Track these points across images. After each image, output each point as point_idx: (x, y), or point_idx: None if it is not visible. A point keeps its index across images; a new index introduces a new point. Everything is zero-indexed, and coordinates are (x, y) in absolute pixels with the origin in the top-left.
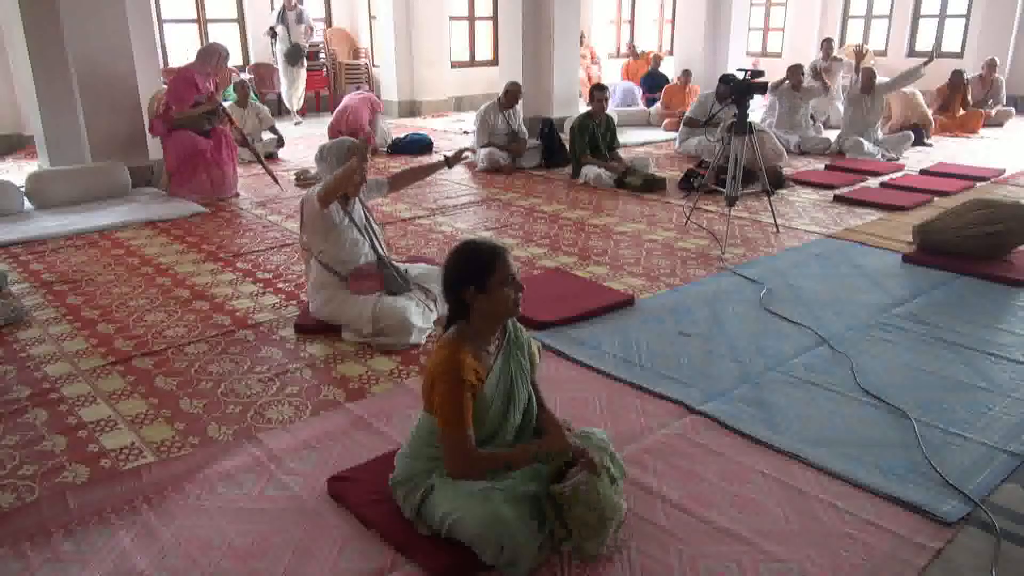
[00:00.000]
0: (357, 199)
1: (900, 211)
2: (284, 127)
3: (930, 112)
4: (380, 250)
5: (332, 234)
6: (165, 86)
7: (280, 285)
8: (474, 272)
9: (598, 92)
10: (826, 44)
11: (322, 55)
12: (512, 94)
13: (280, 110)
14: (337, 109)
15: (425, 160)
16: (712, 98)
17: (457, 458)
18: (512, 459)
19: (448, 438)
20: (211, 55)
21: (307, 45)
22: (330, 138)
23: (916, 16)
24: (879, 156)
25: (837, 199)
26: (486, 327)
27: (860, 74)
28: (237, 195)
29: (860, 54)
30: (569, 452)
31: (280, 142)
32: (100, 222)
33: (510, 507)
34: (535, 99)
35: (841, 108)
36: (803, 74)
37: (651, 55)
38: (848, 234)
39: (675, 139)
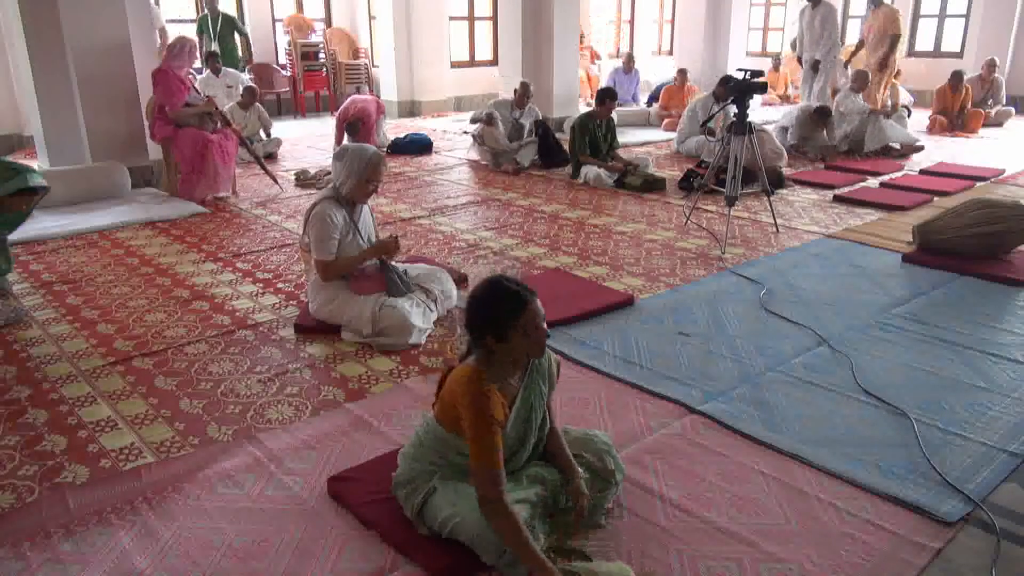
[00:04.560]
0: (365, 205)
1: (900, 211)
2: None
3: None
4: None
5: (338, 245)
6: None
7: (280, 285)
8: (495, 323)
9: (609, 100)
10: None
11: (322, 55)
12: (519, 94)
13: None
14: (344, 104)
15: (425, 159)
16: (711, 99)
17: (487, 492)
18: (530, 556)
19: (480, 473)
20: (182, 48)
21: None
22: (337, 125)
23: (916, 16)
24: (898, 144)
25: (837, 199)
26: (508, 366)
27: (853, 76)
28: (237, 195)
29: (852, 52)
30: (582, 493)
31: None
32: (100, 222)
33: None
34: (535, 99)
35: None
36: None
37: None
38: (848, 234)
39: (674, 139)
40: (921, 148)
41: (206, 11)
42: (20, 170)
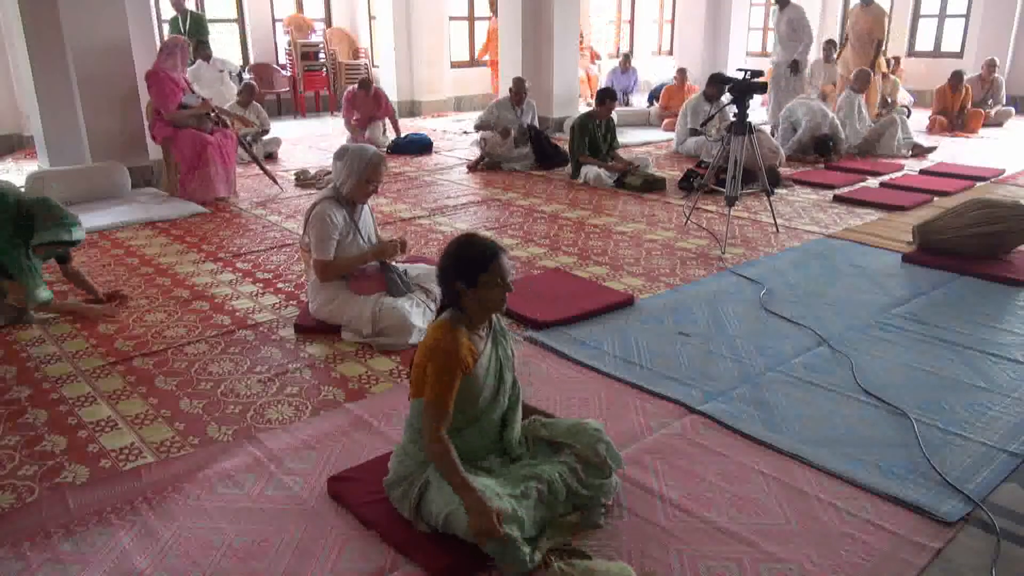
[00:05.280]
0: (365, 205)
1: (900, 211)
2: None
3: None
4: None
5: (338, 245)
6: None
7: (280, 285)
8: (467, 269)
9: (609, 100)
10: (827, 46)
11: (322, 55)
12: (514, 91)
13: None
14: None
15: (425, 159)
16: (702, 101)
17: (431, 435)
18: (461, 487)
19: (428, 415)
20: (175, 48)
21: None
22: (345, 98)
23: (916, 16)
24: (907, 151)
25: (837, 199)
26: (476, 317)
27: (855, 76)
28: (237, 195)
29: (839, 53)
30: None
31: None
32: (100, 222)
33: (508, 503)
34: (535, 99)
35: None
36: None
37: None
38: (848, 234)
39: (673, 139)
40: (933, 148)
41: (175, 12)
42: (65, 223)
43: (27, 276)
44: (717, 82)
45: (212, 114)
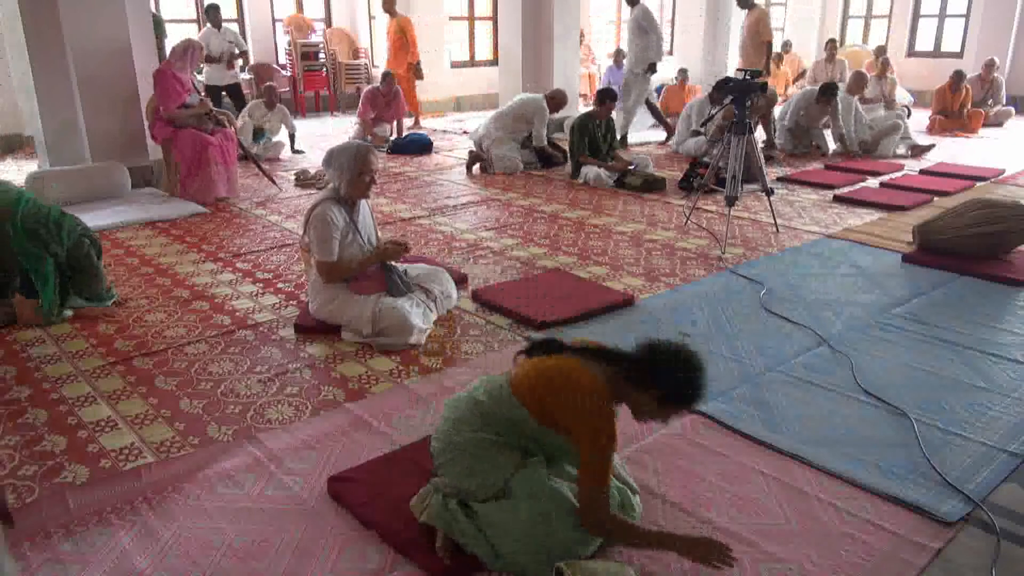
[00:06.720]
0: (364, 202)
1: (900, 211)
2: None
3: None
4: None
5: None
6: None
7: (280, 285)
8: (675, 394)
9: (609, 100)
10: (830, 44)
11: (322, 55)
12: (557, 100)
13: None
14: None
15: (425, 159)
16: (707, 103)
17: (599, 514)
18: (658, 542)
19: (593, 493)
20: (187, 50)
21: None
22: (363, 98)
23: (916, 16)
24: (906, 151)
25: (837, 199)
26: (614, 393)
27: (852, 78)
28: (237, 195)
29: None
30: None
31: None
32: (100, 222)
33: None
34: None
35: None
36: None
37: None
38: (848, 234)
39: (673, 140)
40: (931, 147)
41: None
42: (103, 299)
43: (48, 294)
44: (724, 86)
45: (209, 113)
